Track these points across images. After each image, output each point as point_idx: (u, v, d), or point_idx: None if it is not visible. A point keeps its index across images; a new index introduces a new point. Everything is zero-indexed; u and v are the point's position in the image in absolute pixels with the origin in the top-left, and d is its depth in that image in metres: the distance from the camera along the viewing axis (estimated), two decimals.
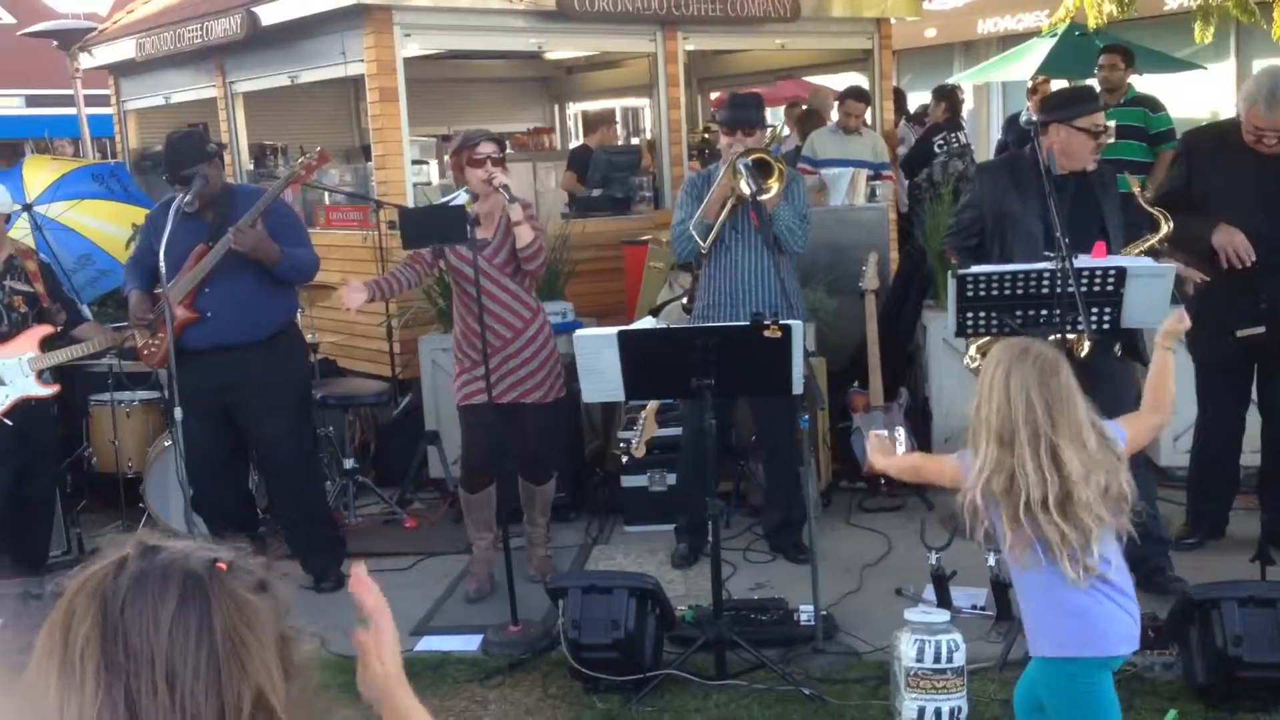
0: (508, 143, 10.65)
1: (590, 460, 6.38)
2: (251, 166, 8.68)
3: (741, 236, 5.04)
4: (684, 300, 5.47)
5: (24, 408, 5.18)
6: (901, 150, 9.17)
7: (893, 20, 8.57)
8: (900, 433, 5.83)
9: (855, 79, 9.16)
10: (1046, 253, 4.27)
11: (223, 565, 1.19)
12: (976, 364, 4.54)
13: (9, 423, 5.14)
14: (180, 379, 5.04)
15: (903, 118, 9.63)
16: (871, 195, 7.26)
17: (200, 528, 5.24)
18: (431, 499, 6.42)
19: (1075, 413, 2.75)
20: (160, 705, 1.10)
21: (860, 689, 3.95)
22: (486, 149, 4.83)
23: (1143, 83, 8.49)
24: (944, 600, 4.30)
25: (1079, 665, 2.80)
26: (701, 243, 4.98)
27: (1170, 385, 3.03)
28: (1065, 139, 4.46)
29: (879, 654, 4.11)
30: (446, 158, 5.05)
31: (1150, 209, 4.44)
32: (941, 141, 8.81)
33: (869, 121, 8.41)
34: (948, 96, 9.39)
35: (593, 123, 10.13)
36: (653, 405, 5.60)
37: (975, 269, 4.34)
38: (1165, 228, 4.39)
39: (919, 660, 3.61)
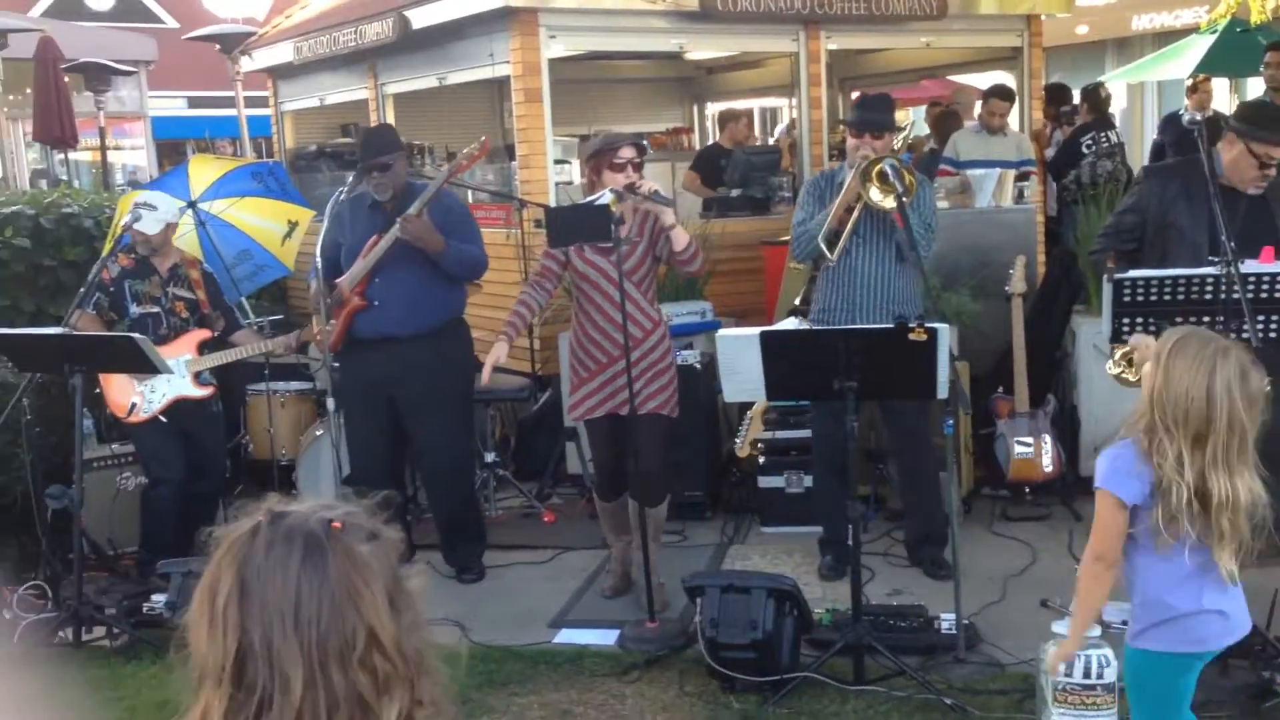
0: (647, 145, 10.76)
1: (727, 460, 6.39)
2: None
3: (864, 242, 4.97)
4: (797, 302, 5.41)
5: (187, 411, 5.43)
6: (1049, 152, 8.93)
7: (1043, 16, 8.35)
8: (1047, 441, 5.70)
9: (1002, 78, 8.95)
10: (1211, 257, 4.13)
11: (338, 524, 1.37)
12: (1119, 371, 4.41)
13: (164, 420, 5.39)
14: (346, 368, 5.23)
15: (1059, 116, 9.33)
16: (1019, 196, 7.09)
17: None
18: (569, 494, 6.51)
19: (1257, 417, 2.70)
20: (289, 647, 1.31)
21: (1004, 701, 3.87)
22: (628, 153, 4.76)
23: None
24: None
25: (1193, 659, 2.84)
26: (829, 253, 4.90)
27: None
28: (1236, 155, 4.33)
29: (1023, 666, 4.03)
30: (583, 161, 5.05)
31: None
32: (1090, 142, 8.55)
33: (1014, 121, 8.21)
34: (1091, 96, 9.11)
35: (722, 120, 10.07)
36: (760, 406, 5.56)
37: (1134, 273, 4.21)
38: None
39: (1068, 675, 3.52)
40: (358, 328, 5.15)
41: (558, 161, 8.00)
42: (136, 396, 5.35)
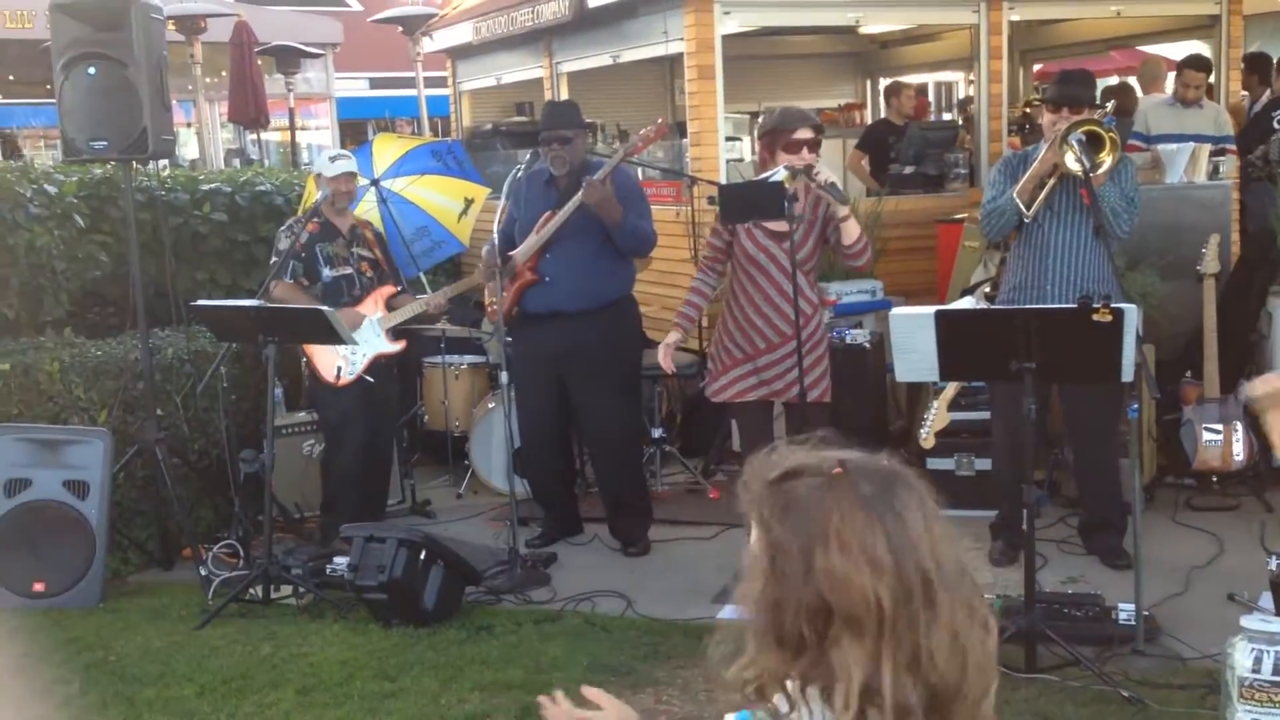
0: (822, 124, 10.62)
1: (895, 440, 6.29)
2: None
3: (1057, 216, 4.79)
4: (986, 288, 5.26)
5: (373, 365, 5.66)
6: None
7: None
8: (1238, 428, 5.43)
9: (1197, 48, 8.50)
10: None
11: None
12: None
13: (370, 379, 5.63)
14: (518, 343, 5.36)
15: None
16: (1214, 172, 6.74)
17: (523, 486, 5.56)
18: (734, 471, 6.52)
19: None
20: (936, 573, 1.41)
21: (1185, 696, 3.73)
22: (804, 134, 4.68)
23: None
24: None
25: None
26: (1025, 210, 4.73)
27: None
28: None
29: (1206, 661, 3.87)
30: (758, 137, 5.00)
31: None
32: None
33: (1212, 94, 7.80)
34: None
35: (888, 94, 9.82)
36: (946, 394, 5.44)
37: None
38: None
39: (1256, 671, 3.36)
40: (529, 302, 5.27)
41: (729, 139, 8.00)
42: (341, 361, 5.60)
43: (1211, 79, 7.79)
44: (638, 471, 5.64)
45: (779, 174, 4.65)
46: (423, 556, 4.59)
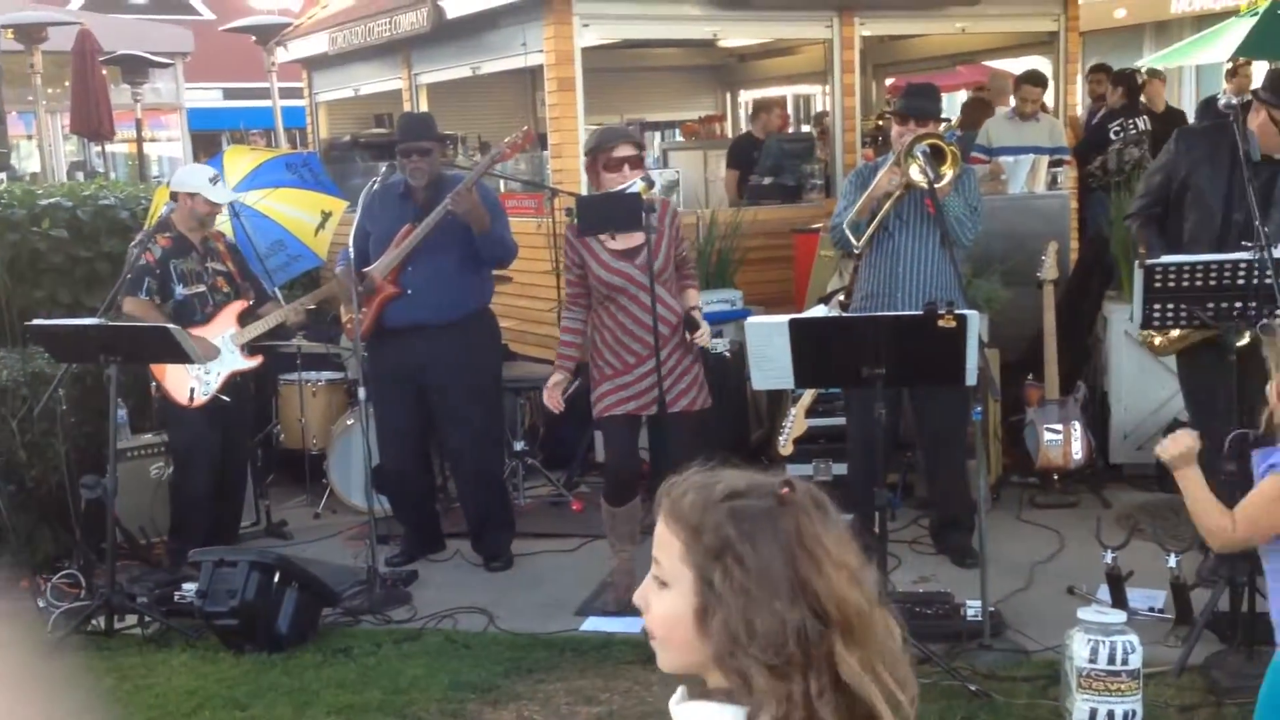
0: (644, 135, 10.73)
1: (756, 447, 6.39)
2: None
3: (907, 225, 4.94)
4: (840, 297, 5.38)
5: (228, 383, 5.50)
6: None
7: (1081, 0, 8.26)
8: (1077, 428, 5.66)
9: (1039, 63, 8.86)
10: (1244, 242, 4.09)
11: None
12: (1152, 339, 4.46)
13: (226, 399, 5.47)
14: (377, 357, 5.27)
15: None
16: (1053, 182, 7.03)
17: (382, 503, 5.47)
18: (598, 483, 6.51)
19: None
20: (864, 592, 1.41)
21: (1028, 688, 3.86)
22: (625, 151, 4.66)
23: None
24: (1119, 601, 4.16)
25: None
26: (854, 241, 4.88)
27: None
28: (1261, 121, 4.32)
29: (1049, 653, 4.01)
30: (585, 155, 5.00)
31: None
32: (1118, 128, 8.42)
33: (1048, 107, 8.13)
34: (1126, 80, 8.94)
35: (755, 110, 10.02)
36: (804, 402, 5.54)
37: (1165, 259, 4.19)
38: None
39: (1092, 661, 3.51)
40: (389, 316, 5.20)
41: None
42: (194, 381, 5.42)
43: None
44: (499, 485, 5.61)
45: (635, 185, 4.67)
46: (276, 579, 4.48)
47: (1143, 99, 9.07)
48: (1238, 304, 4.01)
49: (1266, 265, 3.85)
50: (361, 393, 5.15)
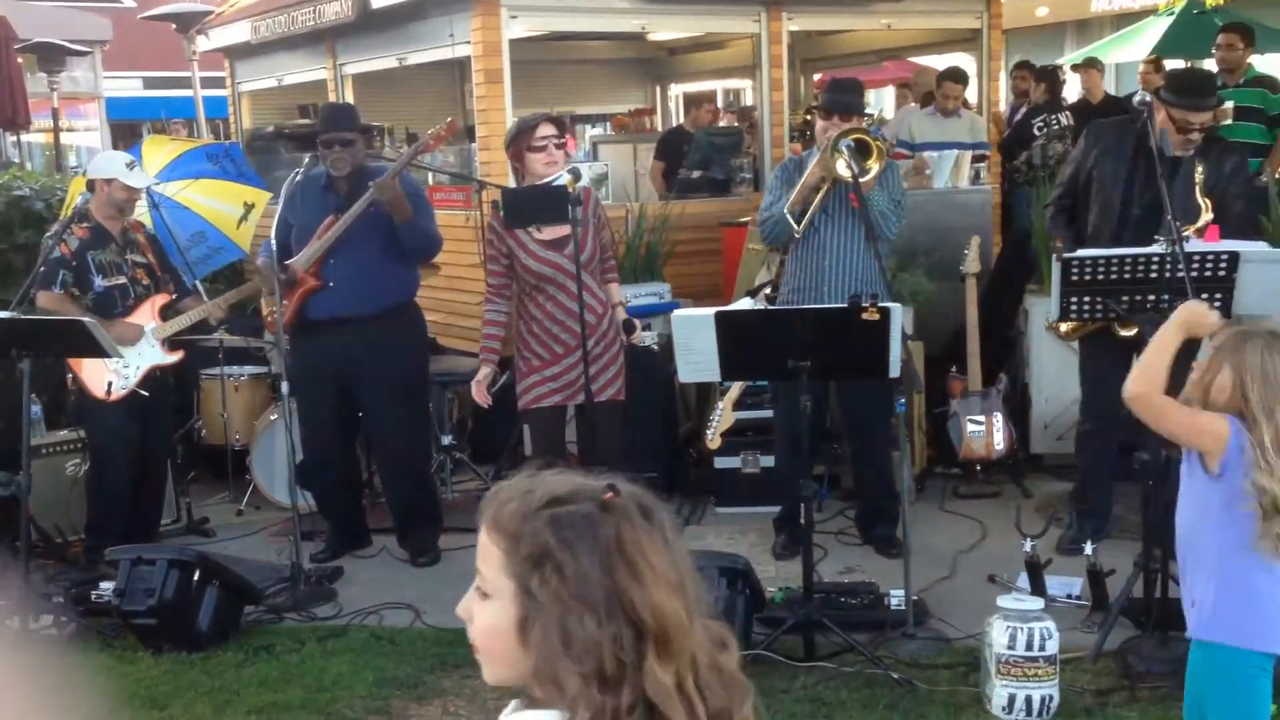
0: (569, 122, 10.72)
1: (684, 440, 6.41)
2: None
3: (832, 219, 4.98)
4: (768, 290, 5.42)
5: (148, 378, 5.39)
6: None
7: None
8: (998, 419, 5.75)
9: (963, 60, 8.98)
10: (1156, 236, 4.19)
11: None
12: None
13: (145, 394, 5.36)
14: (300, 351, 5.20)
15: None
16: (976, 178, 7.13)
17: (306, 499, 5.40)
18: None
19: None
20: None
21: (950, 675, 3.92)
22: (546, 130, 4.68)
23: (1264, 62, 8.19)
24: (1038, 588, 4.24)
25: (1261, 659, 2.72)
26: (795, 226, 4.92)
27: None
28: (1161, 119, 4.51)
29: (970, 641, 4.08)
30: (506, 149, 4.96)
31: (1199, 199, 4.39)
32: (1041, 124, 8.55)
33: (970, 102, 8.24)
34: (1048, 77, 9.08)
35: (687, 104, 10.05)
36: (731, 395, 5.58)
37: (1082, 252, 4.28)
38: (1205, 218, 4.33)
39: (1011, 647, 3.57)
40: (311, 309, 5.12)
41: None
42: (112, 375, 5.30)
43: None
44: (426, 480, 5.56)
45: (562, 178, 4.66)
46: (196, 577, 4.40)
47: (1084, 89, 9.24)
48: (1151, 297, 4.10)
49: (1179, 259, 3.94)
50: (284, 387, 5.07)
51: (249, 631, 4.58)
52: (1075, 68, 10.08)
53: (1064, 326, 4.75)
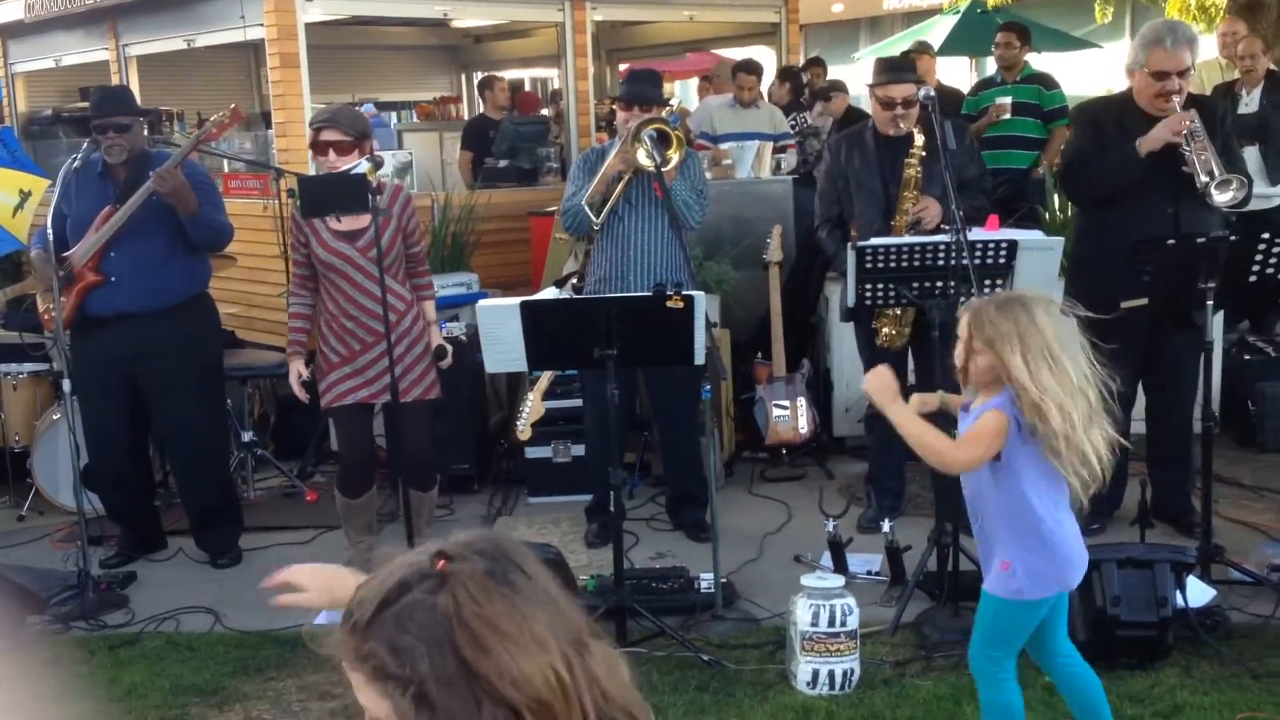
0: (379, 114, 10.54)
1: (495, 431, 6.36)
2: (146, 132, 8.43)
3: (636, 209, 5.02)
4: (574, 280, 5.43)
5: None
6: None
7: None
8: (803, 404, 5.92)
9: (764, 53, 9.19)
10: (943, 225, 4.38)
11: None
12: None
13: None
14: (82, 349, 4.91)
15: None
16: (777, 168, 7.31)
17: (92, 502, 5.13)
18: (334, 471, 6.33)
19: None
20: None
21: (758, 654, 4.01)
22: (328, 135, 4.52)
23: (1040, 60, 8.67)
24: (840, 566, 4.39)
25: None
26: (594, 217, 4.94)
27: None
28: (873, 106, 4.89)
29: (776, 620, 4.18)
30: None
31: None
32: (792, 122, 8.75)
33: (766, 94, 8.44)
34: (792, 78, 9.10)
35: (481, 89, 9.88)
36: (540, 385, 5.57)
37: (874, 241, 4.43)
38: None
39: (814, 624, 3.68)
40: (92, 305, 4.83)
41: None
42: None
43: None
44: (224, 478, 5.34)
45: (361, 166, 4.53)
46: None
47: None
48: (939, 283, 4.29)
49: (963, 248, 4.13)
50: (66, 385, 4.79)
51: (32, 644, 4.32)
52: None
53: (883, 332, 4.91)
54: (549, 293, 5.36)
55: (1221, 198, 4.33)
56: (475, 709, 1.20)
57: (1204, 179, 4.32)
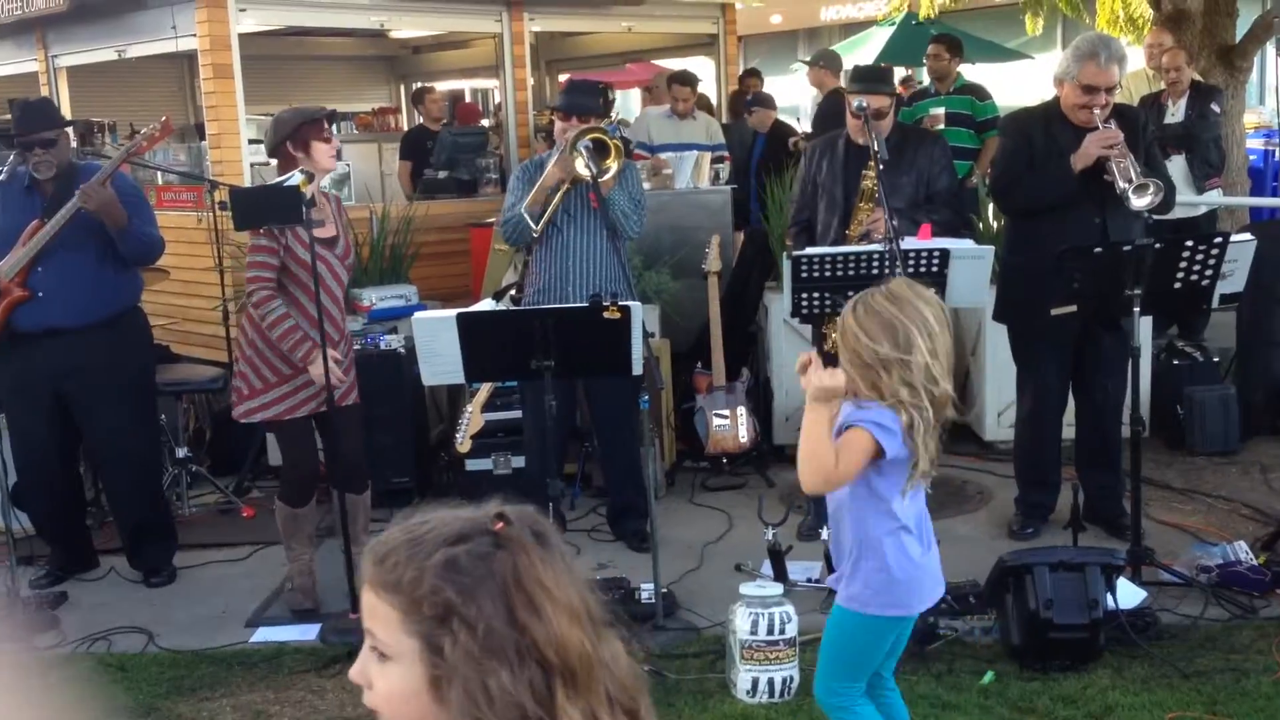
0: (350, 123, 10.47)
1: (434, 444, 6.33)
2: (77, 144, 8.31)
3: (574, 219, 5.03)
4: (513, 292, 5.42)
5: None
6: None
7: (738, 5, 8.69)
8: (743, 413, 5.94)
9: (703, 64, 9.24)
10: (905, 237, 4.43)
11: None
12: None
13: None
14: (9, 365, 4.82)
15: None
16: (715, 178, 7.35)
17: (21, 520, 5.03)
18: (271, 487, 6.25)
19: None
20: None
21: (698, 663, 4.02)
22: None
23: (973, 71, 8.81)
24: (780, 574, 4.41)
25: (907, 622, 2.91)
26: (534, 226, 4.94)
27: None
28: (847, 114, 4.88)
29: (717, 629, 4.19)
30: (279, 139, 4.64)
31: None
32: None
33: (707, 105, 8.49)
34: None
35: (415, 100, 9.85)
36: (479, 397, 5.55)
37: (810, 250, 4.48)
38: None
39: (753, 633, 3.69)
40: (20, 320, 4.74)
41: (253, 141, 7.66)
42: None
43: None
44: (157, 494, 5.25)
45: (295, 178, 4.49)
46: None
47: (812, 84, 9.53)
48: None
49: (896, 257, 4.18)
50: None
51: None
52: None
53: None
54: (487, 304, 5.34)
55: (1140, 202, 4.41)
56: (514, 668, 1.25)
57: (1123, 185, 4.41)
